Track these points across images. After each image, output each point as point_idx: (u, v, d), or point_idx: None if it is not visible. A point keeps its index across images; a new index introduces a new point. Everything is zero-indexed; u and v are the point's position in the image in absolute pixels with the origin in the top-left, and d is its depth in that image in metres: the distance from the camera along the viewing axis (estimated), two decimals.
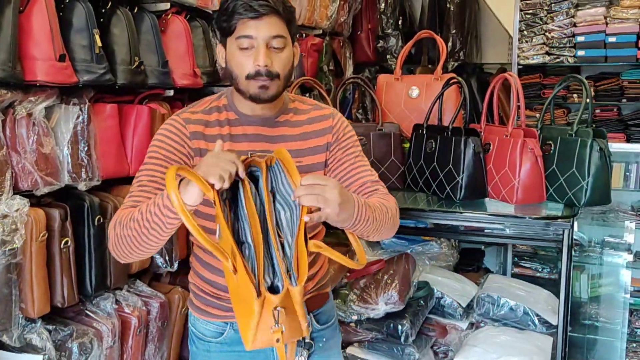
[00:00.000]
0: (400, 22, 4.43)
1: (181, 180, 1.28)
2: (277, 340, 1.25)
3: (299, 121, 1.59)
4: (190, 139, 1.51)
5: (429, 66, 4.30)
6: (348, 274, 2.72)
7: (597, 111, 4.04)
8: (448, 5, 4.29)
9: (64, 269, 1.98)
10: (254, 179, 1.36)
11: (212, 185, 1.24)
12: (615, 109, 4.06)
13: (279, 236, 1.33)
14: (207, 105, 1.57)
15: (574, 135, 2.24)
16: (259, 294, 1.23)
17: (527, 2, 4.00)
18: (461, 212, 2.28)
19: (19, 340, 1.87)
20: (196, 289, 1.65)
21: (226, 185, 1.25)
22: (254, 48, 1.43)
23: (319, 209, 1.31)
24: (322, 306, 1.70)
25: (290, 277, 1.27)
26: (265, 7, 1.41)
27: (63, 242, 1.96)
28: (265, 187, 1.33)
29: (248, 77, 1.45)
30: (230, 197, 1.34)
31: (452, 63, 4.25)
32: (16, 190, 1.86)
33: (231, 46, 1.47)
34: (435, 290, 2.72)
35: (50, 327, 1.96)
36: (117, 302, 2.19)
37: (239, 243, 1.31)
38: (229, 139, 1.52)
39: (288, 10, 1.48)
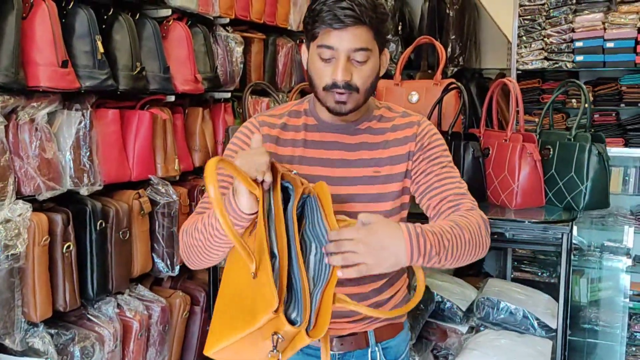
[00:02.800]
0: (400, 28, 4.46)
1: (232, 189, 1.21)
2: None
3: (382, 129, 1.48)
4: (262, 141, 1.42)
5: (429, 71, 4.31)
6: None
7: (596, 116, 4.04)
8: (447, 11, 4.31)
9: (66, 274, 1.99)
10: (285, 198, 1.24)
11: (255, 181, 1.16)
12: (613, 114, 4.07)
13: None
14: (287, 109, 1.51)
15: (572, 139, 2.25)
16: (277, 310, 1.05)
17: (526, 7, 4.02)
18: None
19: (21, 345, 1.88)
20: None
21: (267, 178, 1.17)
22: (335, 59, 1.33)
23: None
24: (393, 338, 1.53)
25: (309, 321, 1.09)
26: (351, 18, 1.29)
27: (65, 246, 1.98)
28: (294, 212, 1.21)
29: (325, 89, 1.36)
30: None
31: (452, 68, 4.26)
32: (19, 195, 1.87)
33: (313, 52, 1.37)
34: (435, 294, 2.72)
35: (52, 331, 1.98)
36: (118, 306, 2.20)
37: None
38: (303, 145, 1.45)
39: (378, 18, 1.33)
